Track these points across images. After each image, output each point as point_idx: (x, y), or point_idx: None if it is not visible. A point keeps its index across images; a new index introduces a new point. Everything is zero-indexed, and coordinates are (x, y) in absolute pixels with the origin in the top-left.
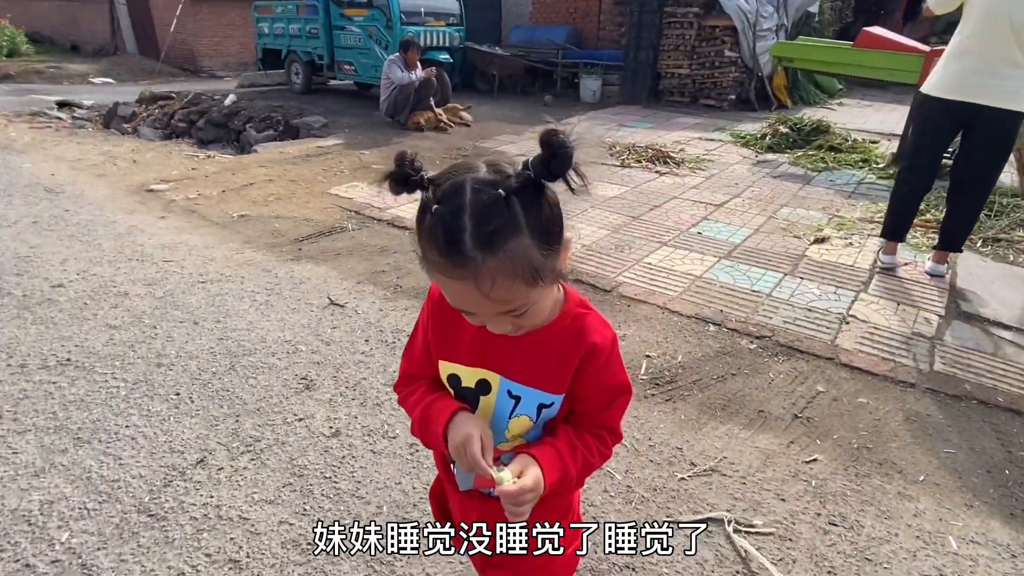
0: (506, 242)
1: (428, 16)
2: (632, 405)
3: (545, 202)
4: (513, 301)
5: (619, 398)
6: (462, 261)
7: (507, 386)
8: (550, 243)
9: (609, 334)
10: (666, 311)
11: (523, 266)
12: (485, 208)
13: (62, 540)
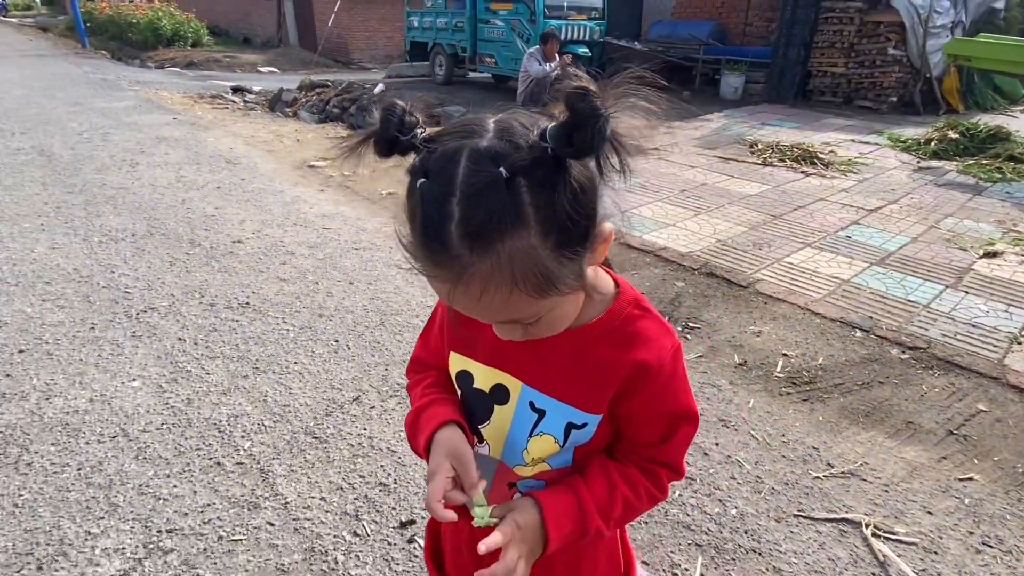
0: (502, 239)
1: (571, 10)
2: (766, 400)
3: (566, 188)
4: (518, 312)
5: (682, 428)
6: (445, 259)
7: (530, 396)
8: (570, 244)
9: (669, 345)
10: (807, 312)
11: (528, 272)
12: (478, 192)
13: (244, 447)
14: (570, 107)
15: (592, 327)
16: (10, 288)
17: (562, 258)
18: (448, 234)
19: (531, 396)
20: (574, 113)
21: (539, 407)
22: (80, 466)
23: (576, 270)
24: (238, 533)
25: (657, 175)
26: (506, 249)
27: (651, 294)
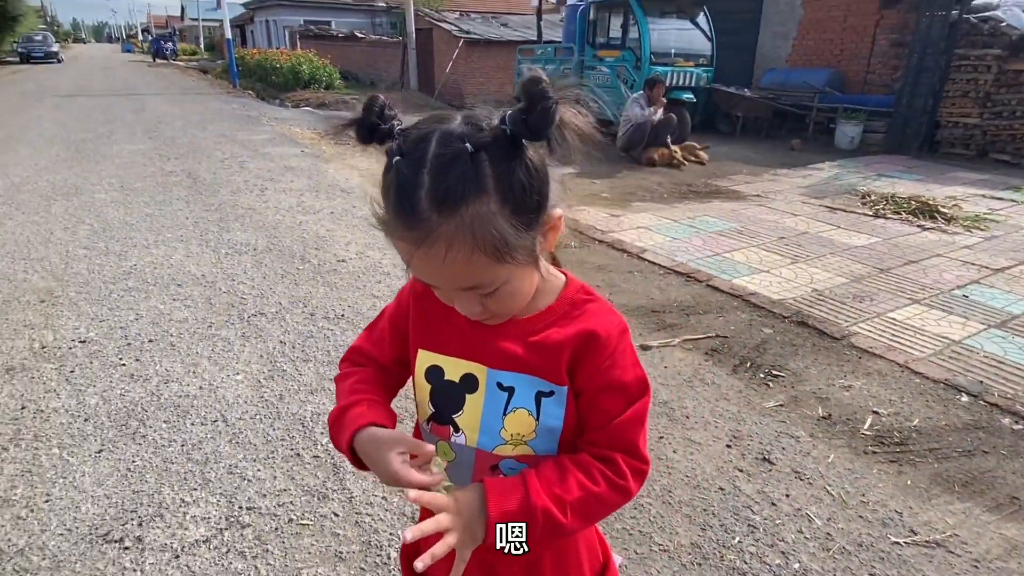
0: (465, 203)
1: (678, 57)
2: (847, 457)
3: (522, 164)
4: (476, 276)
5: (634, 402)
6: (415, 221)
7: (496, 377)
8: (524, 214)
9: (616, 322)
10: (907, 370)
11: (486, 235)
12: (446, 163)
13: (322, 443)
14: (526, 93)
15: (545, 313)
16: (149, 287)
17: (517, 225)
18: (419, 200)
19: (497, 377)
20: (529, 98)
21: (507, 385)
22: (184, 443)
23: (528, 244)
24: (306, 518)
25: (755, 221)
26: (468, 212)
27: (734, 339)
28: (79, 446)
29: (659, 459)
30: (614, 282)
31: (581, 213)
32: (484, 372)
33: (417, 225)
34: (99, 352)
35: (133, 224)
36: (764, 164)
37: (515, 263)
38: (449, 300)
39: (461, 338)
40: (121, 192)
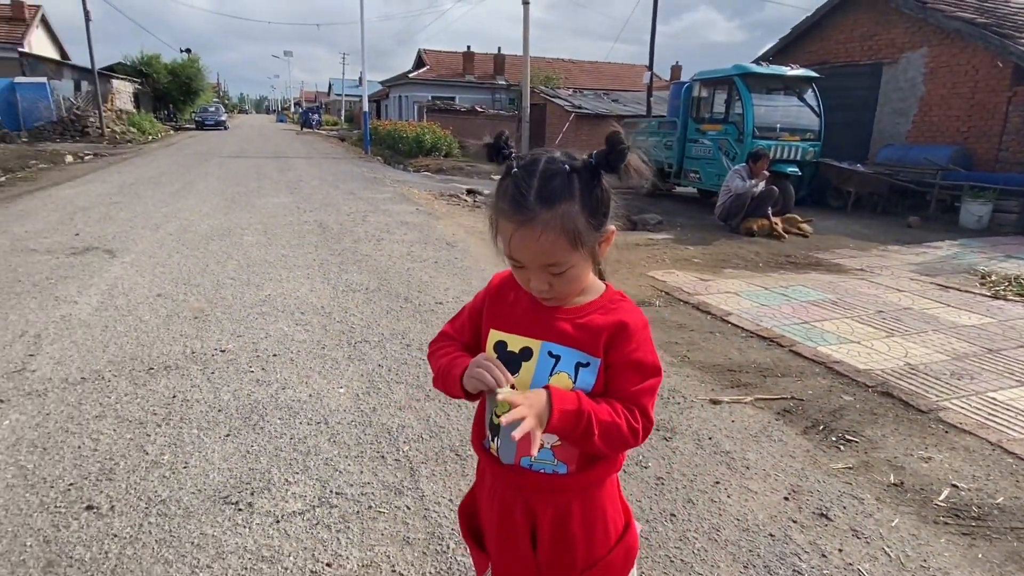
0: (560, 202)
1: (783, 131)
2: (914, 524)
3: (598, 186)
4: (555, 255)
5: (649, 378)
6: (524, 210)
7: (547, 348)
8: (594, 217)
9: (641, 318)
10: (999, 449)
11: (569, 225)
12: (551, 175)
13: (403, 450)
14: (608, 141)
15: (588, 305)
16: (278, 313)
17: (589, 225)
18: (529, 195)
19: (549, 347)
20: (610, 144)
21: (555, 354)
22: (292, 437)
23: (592, 243)
24: (383, 507)
25: (853, 294)
26: (560, 208)
27: (810, 402)
28: (212, 429)
29: (712, 501)
30: (693, 340)
31: (670, 275)
32: (539, 345)
33: (525, 212)
34: (234, 360)
35: (271, 262)
36: (874, 240)
37: (582, 252)
38: (526, 282)
39: (523, 321)
40: (264, 236)
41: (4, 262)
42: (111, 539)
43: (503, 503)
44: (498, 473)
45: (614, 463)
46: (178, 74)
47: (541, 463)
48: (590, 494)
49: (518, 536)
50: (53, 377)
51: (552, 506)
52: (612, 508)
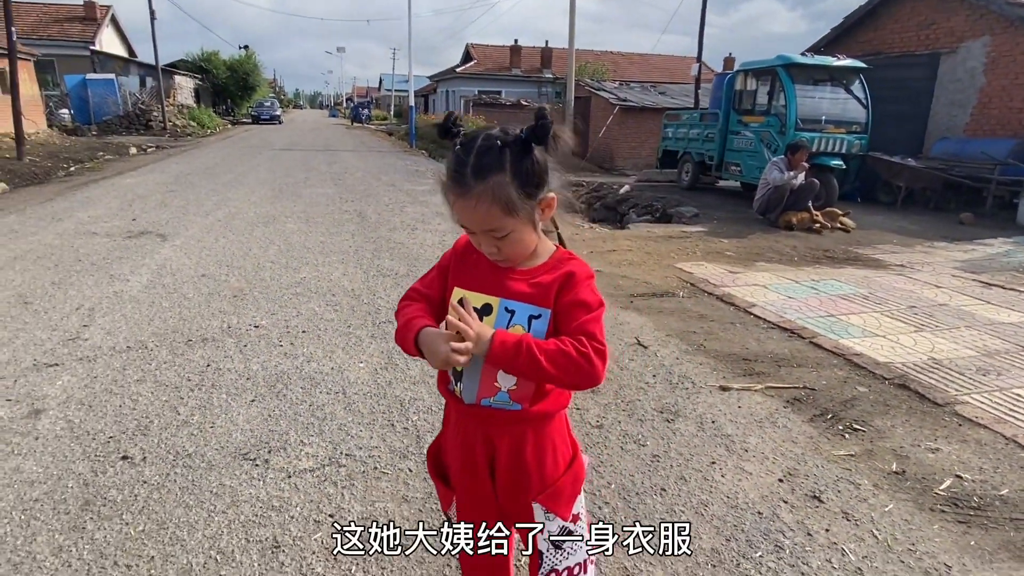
0: (491, 175)
1: (828, 123)
2: (910, 510)
3: (530, 159)
4: (493, 222)
5: (595, 310)
6: (462, 183)
7: (505, 304)
8: (527, 188)
9: (586, 270)
10: (1013, 444)
11: (500, 195)
12: (484, 151)
13: (412, 420)
14: (536, 117)
15: (541, 266)
16: (311, 294)
17: (521, 194)
18: (466, 171)
19: (506, 304)
20: (536, 118)
21: (511, 309)
22: (311, 404)
23: (528, 209)
24: (387, 469)
25: (887, 289)
26: (492, 180)
27: (822, 392)
28: (239, 395)
29: (705, 479)
30: (712, 330)
31: (699, 267)
32: (498, 301)
33: (462, 185)
34: (266, 335)
35: (309, 247)
36: (920, 236)
37: (518, 219)
38: (478, 245)
39: (484, 280)
40: (305, 223)
41: (68, 244)
42: (141, 485)
43: (465, 438)
44: (461, 411)
45: (561, 400)
46: (236, 70)
47: (499, 403)
48: (541, 427)
49: (478, 467)
50: (102, 345)
51: (508, 436)
52: (561, 441)
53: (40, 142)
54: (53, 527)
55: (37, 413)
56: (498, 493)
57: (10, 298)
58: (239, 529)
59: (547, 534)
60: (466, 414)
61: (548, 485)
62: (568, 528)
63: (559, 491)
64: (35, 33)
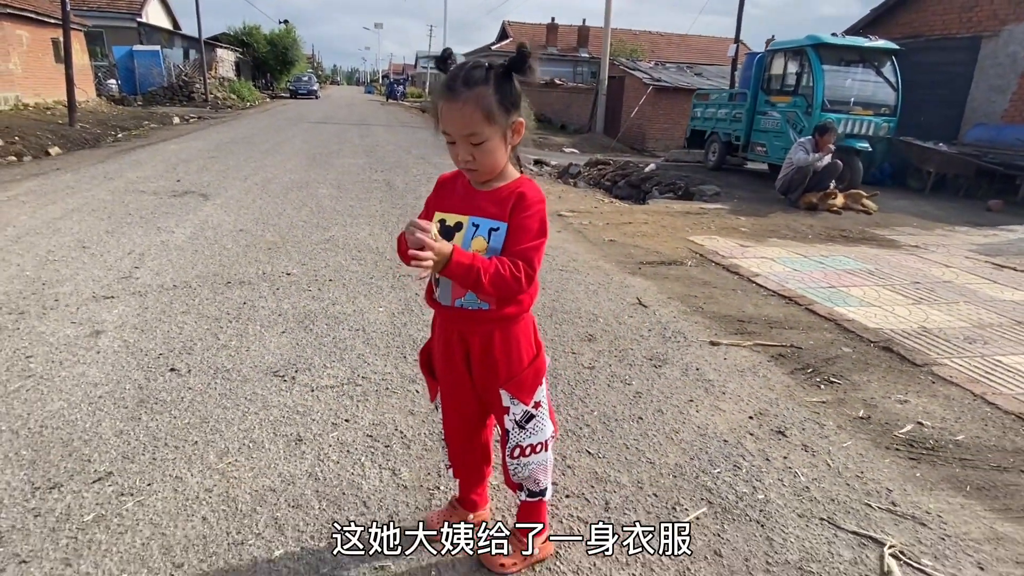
0: (477, 86)
1: (856, 105)
2: (866, 446)
3: (509, 82)
4: (473, 125)
5: (537, 239)
6: (453, 89)
7: (472, 220)
8: (504, 103)
9: (537, 194)
10: (980, 400)
11: (483, 103)
12: (473, 67)
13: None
14: (517, 50)
15: (503, 188)
16: (338, 249)
17: (499, 107)
18: (457, 80)
19: (473, 220)
20: (518, 51)
21: (476, 223)
22: (334, 337)
23: (503, 124)
24: (397, 389)
25: (895, 266)
26: (476, 90)
27: (807, 351)
28: (271, 328)
29: (680, 413)
30: (712, 295)
31: (711, 241)
32: (467, 219)
33: (452, 91)
34: (296, 281)
35: (339, 211)
36: (943, 220)
37: (494, 128)
38: (455, 156)
39: (457, 203)
40: (337, 189)
41: (119, 200)
42: (186, 390)
43: (445, 337)
44: (441, 314)
45: (523, 305)
46: (276, 44)
47: (469, 303)
48: (507, 327)
49: (456, 359)
50: (152, 283)
51: (479, 335)
52: (525, 340)
53: (89, 110)
54: (114, 416)
55: (97, 334)
56: (474, 382)
57: (70, 242)
58: (268, 426)
59: (513, 416)
60: (446, 317)
61: (513, 376)
62: (530, 413)
63: (522, 381)
64: (85, 4)
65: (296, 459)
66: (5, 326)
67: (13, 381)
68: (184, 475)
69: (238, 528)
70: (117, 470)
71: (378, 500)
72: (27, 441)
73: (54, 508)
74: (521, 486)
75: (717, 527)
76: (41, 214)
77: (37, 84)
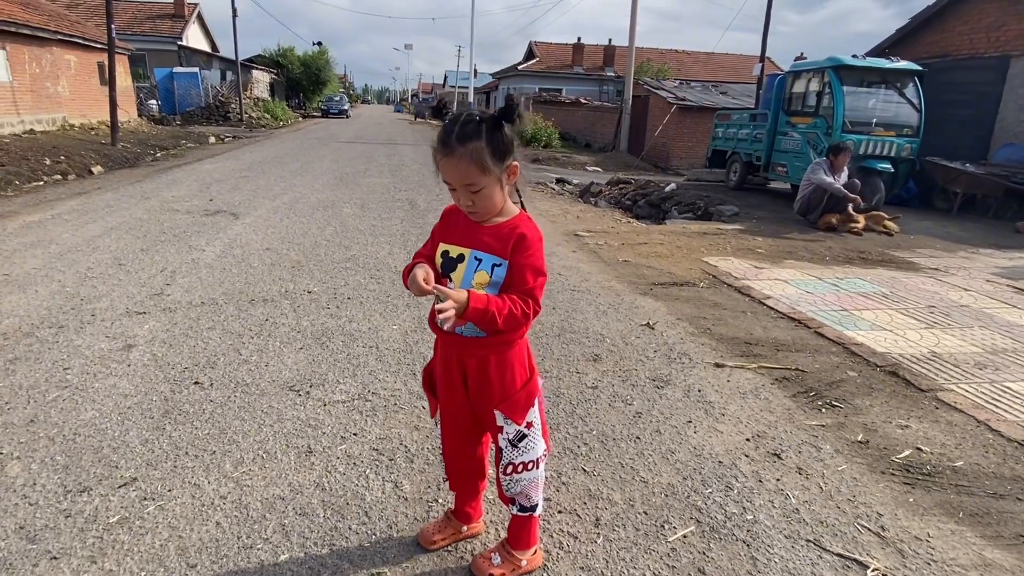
0: (470, 141)
1: (878, 126)
2: (861, 471)
3: (500, 132)
4: (471, 177)
5: (538, 278)
6: (449, 145)
7: (474, 254)
8: (497, 153)
9: (536, 233)
10: (983, 426)
11: (477, 157)
12: (466, 123)
13: None
14: (505, 101)
15: (504, 224)
16: (359, 268)
17: (493, 158)
18: (451, 136)
19: (475, 254)
20: (506, 103)
21: (479, 258)
22: (349, 354)
23: (498, 172)
24: (404, 406)
25: (912, 290)
26: (470, 145)
27: (812, 374)
28: (290, 344)
29: (678, 433)
30: (722, 317)
31: (725, 262)
32: (469, 252)
33: (448, 147)
34: (316, 299)
35: (362, 230)
36: (967, 242)
37: (490, 177)
38: (458, 200)
39: (460, 236)
40: (361, 209)
41: (154, 219)
42: (208, 402)
43: (446, 359)
44: (442, 338)
45: (517, 332)
46: (309, 65)
47: (468, 332)
48: (503, 352)
49: (454, 381)
50: (181, 300)
51: (476, 358)
52: (519, 364)
53: (131, 130)
54: (141, 426)
55: (129, 347)
56: (471, 401)
57: (108, 260)
58: (281, 438)
59: (506, 435)
60: (446, 341)
61: (508, 397)
62: (523, 432)
63: (515, 402)
64: (129, 29)
65: (305, 470)
66: (46, 339)
67: (51, 391)
68: (202, 482)
69: (248, 533)
70: (141, 476)
71: (379, 511)
72: (62, 447)
73: (83, 510)
74: (514, 500)
75: (703, 545)
76: (82, 232)
77: (83, 106)
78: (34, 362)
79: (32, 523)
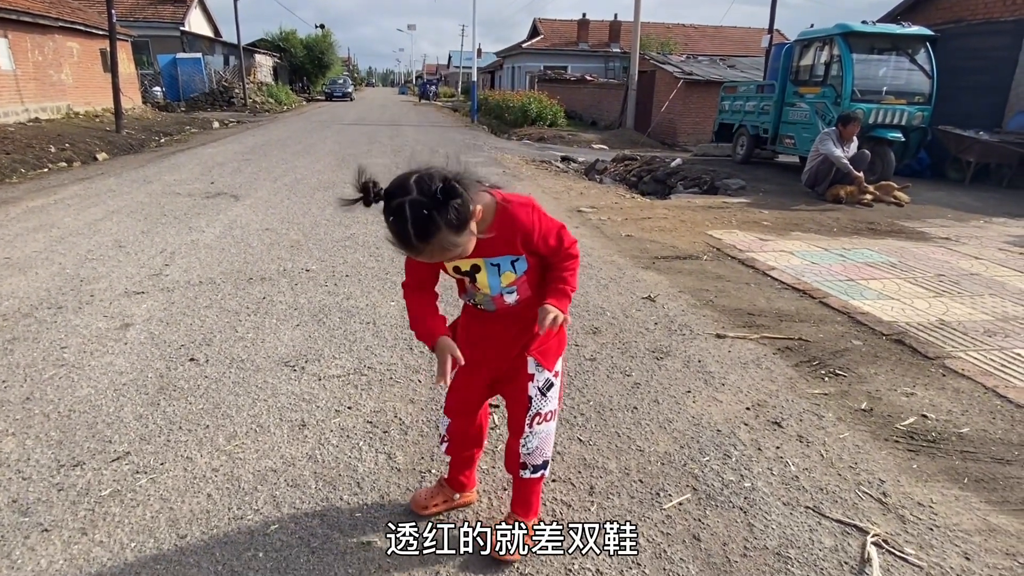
0: (433, 237)
1: (888, 94)
2: (864, 438)
3: (453, 209)
4: (444, 255)
5: (560, 233)
6: (411, 247)
7: (488, 261)
8: (460, 226)
9: (525, 203)
10: (991, 392)
11: (446, 244)
12: (417, 220)
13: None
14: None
15: (495, 224)
16: (357, 247)
17: (459, 233)
18: (410, 239)
19: (490, 260)
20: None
21: (495, 263)
22: (345, 330)
23: (468, 232)
24: (400, 379)
25: (921, 259)
26: (435, 239)
27: (816, 343)
28: (287, 321)
29: (676, 403)
30: (725, 289)
31: (729, 235)
32: (482, 261)
33: (413, 248)
34: (315, 277)
35: (362, 210)
36: (980, 212)
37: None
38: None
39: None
40: None
41: (156, 201)
42: (203, 379)
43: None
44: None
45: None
46: (312, 49)
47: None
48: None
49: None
50: (180, 280)
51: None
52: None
53: (135, 117)
54: (136, 402)
55: (126, 326)
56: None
57: (109, 242)
58: (275, 412)
59: (536, 383)
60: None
61: (543, 343)
62: (551, 381)
63: (548, 348)
64: (131, 15)
65: (298, 443)
66: (44, 320)
67: (48, 369)
68: (194, 456)
69: (239, 504)
70: (134, 450)
71: (371, 481)
72: (56, 423)
73: (76, 483)
74: (525, 465)
75: (699, 512)
76: (84, 216)
77: (87, 93)
78: (32, 342)
79: (24, 496)
